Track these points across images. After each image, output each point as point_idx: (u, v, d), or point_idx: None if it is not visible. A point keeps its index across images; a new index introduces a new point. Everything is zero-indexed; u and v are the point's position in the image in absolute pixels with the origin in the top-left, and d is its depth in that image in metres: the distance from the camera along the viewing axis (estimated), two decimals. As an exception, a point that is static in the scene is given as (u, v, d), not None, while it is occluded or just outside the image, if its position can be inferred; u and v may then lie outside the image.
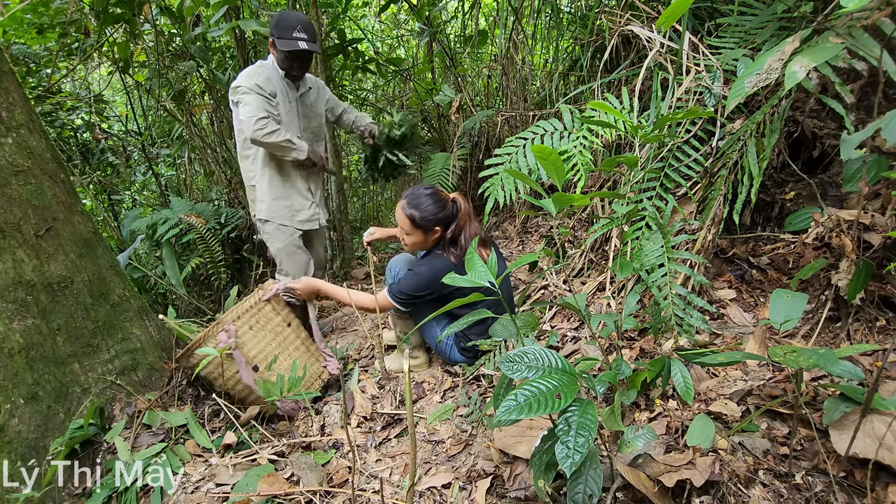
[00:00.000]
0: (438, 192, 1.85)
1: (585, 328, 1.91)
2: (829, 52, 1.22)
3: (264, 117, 2.13)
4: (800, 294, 1.15)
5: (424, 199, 1.82)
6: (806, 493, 1.03)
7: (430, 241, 1.88)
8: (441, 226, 1.83)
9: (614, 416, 1.08)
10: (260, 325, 1.93)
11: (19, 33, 3.43)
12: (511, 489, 1.27)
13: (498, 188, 2.17)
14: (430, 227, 1.83)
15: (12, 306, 1.54)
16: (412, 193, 1.86)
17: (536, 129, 2.21)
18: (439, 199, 1.83)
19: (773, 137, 1.59)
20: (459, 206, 1.86)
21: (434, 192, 1.84)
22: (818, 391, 1.25)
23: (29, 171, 1.63)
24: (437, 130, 4.13)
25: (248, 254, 3.48)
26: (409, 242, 1.89)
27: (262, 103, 2.15)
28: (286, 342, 2.00)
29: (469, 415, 1.65)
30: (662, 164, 1.91)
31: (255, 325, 1.91)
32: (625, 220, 1.45)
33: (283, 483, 1.43)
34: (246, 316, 1.89)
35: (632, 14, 2.31)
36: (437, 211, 1.81)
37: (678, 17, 1.13)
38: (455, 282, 1.09)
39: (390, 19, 5.18)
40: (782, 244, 1.79)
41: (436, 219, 1.81)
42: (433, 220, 1.81)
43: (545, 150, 1.07)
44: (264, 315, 1.96)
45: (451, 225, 1.84)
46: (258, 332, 1.91)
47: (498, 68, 3.54)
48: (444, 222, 1.83)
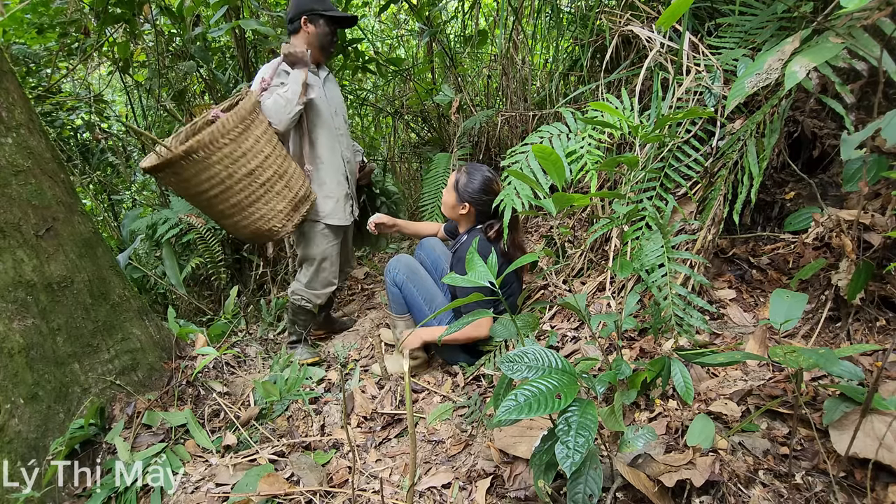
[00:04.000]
0: (495, 182, 1.91)
1: (585, 328, 1.91)
2: (829, 52, 1.22)
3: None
4: (800, 294, 1.15)
5: (477, 175, 1.89)
6: (806, 493, 1.03)
7: (457, 213, 1.96)
8: (474, 207, 1.90)
9: (614, 416, 1.08)
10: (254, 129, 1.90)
11: (19, 33, 3.43)
12: (511, 489, 1.27)
13: (513, 196, 2.14)
14: (462, 199, 1.90)
15: (12, 306, 1.54)
16: (476, 165, 1.94)
17: (543, 134, 2.20)
18: (490, 187, 1.89)
19: (773, 137, 1.59)
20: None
21: (491, 179, 1.90)
22: (818, 391, 1.25)
23: (29, 171, 1.63)
24: (437, 130, 4.13)
25: (248, 254, 3.48)
26: (443, 199, 2.02)
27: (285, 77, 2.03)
28: (277, 149, 1.96)
29: (469, 415, 1.65)
30: (662, 164, 1.91)
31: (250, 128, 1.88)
32: (625, 220, 1.45)
33: (283, 483, 1.43)
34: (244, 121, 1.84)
35: (632, 14, 2.31)
36: (478, 191, 1.87)
37: (678, 17, 1.13)
38: (455, 282, 1.09)
39: (390, 19, 5.17)
40: (782, 244, 1.79)
41: (471, 197, 1.88)
42: (467, 195, 1.89)
43: (545, 151, 1.08)
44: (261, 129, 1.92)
45: (490, 217, 1.90)
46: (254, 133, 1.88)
47: (498, 68, 3.54)
48: (478, 206, 1.90)
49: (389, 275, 2.10)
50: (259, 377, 2.06)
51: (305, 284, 2.30)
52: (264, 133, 1.91)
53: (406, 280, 2.06)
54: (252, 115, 1.87)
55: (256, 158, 1.87)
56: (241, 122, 1.82)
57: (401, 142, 4.56)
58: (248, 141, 1.84)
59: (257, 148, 1.87)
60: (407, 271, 2.07)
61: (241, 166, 1.84)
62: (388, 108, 4.45)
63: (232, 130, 1.79)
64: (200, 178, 1.80)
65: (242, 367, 2.20)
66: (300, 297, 2.31)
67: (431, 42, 3.89)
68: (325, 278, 2.31)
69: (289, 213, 2.02)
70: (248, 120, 1.85)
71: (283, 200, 1.98)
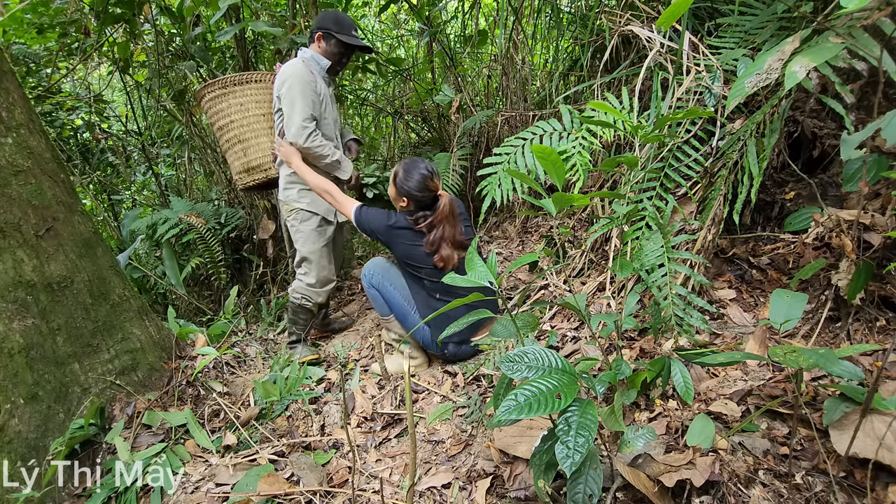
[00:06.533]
0: (431, 179, 1.92)
1: (585, 328, 1.91)
2: (829, 52, 1.22)
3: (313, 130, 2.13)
4: (800, 294, 1.15)
5: (415, 171, 1.91)
6: (806, 493, 1.03)
7: (398, 205, 2.00)
8: (410, 202, 1.94)
9: (614, 416, 1.08)
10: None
11: (19, 33, 3.43)
12: (511, 489, 1.27)
13: (495, 187, 2.18)
14: (399, 193, 1.94)
15: (12, 306, 1.54)
16: (416, 160, 1.96)
17: (536, 130, 2.21)
18: (426, 184, 1.91)
19: (773, 137, 1.59)
20: (439, 205, 1.92)
21: (428, 175, 1.91)
22: (818, 391, 1.25)
23: (29, 171, 1.63)
24: (437, 130, 4.13)
25: (248, 254, 3.48)
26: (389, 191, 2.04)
27: (311, 107, 2.14)
28: (244, 119, 2.36)
29: (469, 415, 1.65)
30: (662, 164, 1.91)
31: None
32: (625, 220, 1.45)
33: (283, 483, 1.43)
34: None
35: (632, 14, 2.31)
36: (414, 188, 1.90)
37: (678, 17, 1.13)
38: (455, 282, 1.09)
39: (390, 19, 5.17)
40: (782, 244, 1.79)
41: (407, 192, 1.91)
42: (404, 190, 1.92)
43: (545, 150, 1.07)
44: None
45: (423, 212, 1.93)
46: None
47: (498, 68, 3.54)
48: (415, 202, 1.93)
49: (366, 279, 2.12)
50: (259, 377, 2.06)
51: (306, 283, 2.33)
52: (238, 103, 2.34)
53: (382, 280, 2.08)
54: (233, 86, 2.32)
55: (224, 119, 2.36)
56: (224, 87, 2.32)
57: (401, 142, 4.56)
58: (223, 103, 2.34)
59: (227, 111, 2.35)
60: (381, 271, 2.09)
61: (217, 119, 2.38)
62: (388, 108, 4.45)
63: (217, 90, 2.33)
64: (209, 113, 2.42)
65: (242, 367, 2.20)
66: (301, 296, 2.33)
67: (431, 42, 3.89)
68: (325, 276, 2.35)
69: (240, 173, 2.43)
70: (229, 89, 2.33)
71: (237, 161, 2.41)
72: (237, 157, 2.40)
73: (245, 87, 2.33)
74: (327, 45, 2.24)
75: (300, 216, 2.28)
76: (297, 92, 2.10)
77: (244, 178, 2.42)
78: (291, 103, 2.11)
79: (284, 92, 2.12)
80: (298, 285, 2.34)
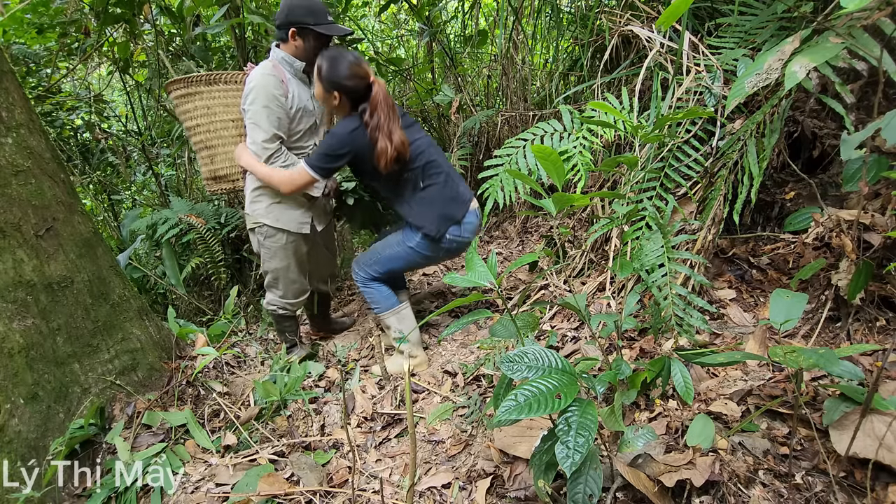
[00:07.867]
0: (359, 66, 1.78)
1: (585, 328, 1.91)
2: (829, 52, 1.22)
3: (275, 150, 1.92)
4: (800, 294, 1.15)
5: (341, 59, 1.77)
6: (806, 493, 1.03)
7: (331, 104, 1.85)
8: (343, 95, 1.79)
9: (614, 416, 1.08)
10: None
11: (19, 33, 3.43)
12: (511, 489, 1.27)
13: (497, 189, 2.18)
14: (329, 89, 1.79)
15: (12, 306, 1.54)
16: (338, 48, 1.82)
17: (536, 131, 2.22)
18: (355, 71, 1.76)
19: (773, 137, 1.59)
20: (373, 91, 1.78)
21: (355, 63, 1.77)
22: (818, 391, 1.25)
23: (29, 171, 1.63)
24: (437, 130, 4.13)
25: (248, 254, 3.48)
26: (315, 92, 1.88)
27: (276, 125, 1.91)
28: (209, 125, 2.20)
29: (469, 415, 1.65)
30: (662, 164, 1.91)
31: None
32: (625, 220, 1.45)
33: (283, 483, 1.43)
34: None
35: (632, 14, 2.31)
36: (343, 77, 1.75)
37: (678, 17, 1.13)
38: (455, 282, 1.09)
39: (390, 19, 5.17)
40: (782, 244, 1.79)
41: (338, 84, 1.76)
42: (333, 82, 1.76)
43: (545, 150, 1.08)
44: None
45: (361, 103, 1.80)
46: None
47: (498, 68, 3.54)
48: (349, 95, 1.79)
49: (357, 276, 2.10)
50: (259, 377, 2.06)
51: (277, 296, 2.20)
52: (205, 106, 2.20)
53: (367, 260, 2.07)
54: (200, 86, 2.17)
55: (191, 121, 2.21)
56: (188, 86, 2.18)
57: (401, 142, 4.55)
58: (189, 104, 2.19)
59: (193, 114, 2.20)
60: (367, 261, 2.08)
61: (185, 119, 2.23)
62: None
63: (182, 88, 2.17)
64: (177, 112, 2.26)
65: (242, 367, 2.20)
66: (276, 307, 2.21)
67: (431, 42, 3.89)
68: (296, 289, 2.19)
69: (208, 179, 2.31)
70: (194, 89, 2.18)
71: (205, 168, 2.27)
72: (204, 163, 2.27)
73: (213, 89, 2.15)
74: (304, 41, 1.91)
75: (264, 231, 2.05)
76: (259, 107, 1.86)
77: (212, 185, 2.31)
78: (254, 121, 1.90)
79: (248, 106, 1.92)
80: (271, 297, 2.21)
